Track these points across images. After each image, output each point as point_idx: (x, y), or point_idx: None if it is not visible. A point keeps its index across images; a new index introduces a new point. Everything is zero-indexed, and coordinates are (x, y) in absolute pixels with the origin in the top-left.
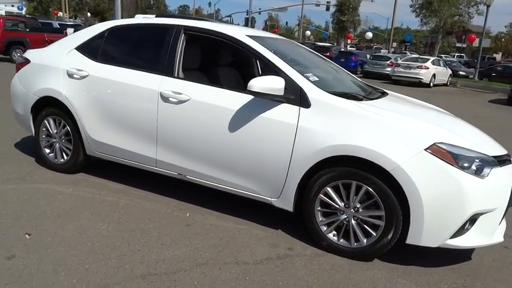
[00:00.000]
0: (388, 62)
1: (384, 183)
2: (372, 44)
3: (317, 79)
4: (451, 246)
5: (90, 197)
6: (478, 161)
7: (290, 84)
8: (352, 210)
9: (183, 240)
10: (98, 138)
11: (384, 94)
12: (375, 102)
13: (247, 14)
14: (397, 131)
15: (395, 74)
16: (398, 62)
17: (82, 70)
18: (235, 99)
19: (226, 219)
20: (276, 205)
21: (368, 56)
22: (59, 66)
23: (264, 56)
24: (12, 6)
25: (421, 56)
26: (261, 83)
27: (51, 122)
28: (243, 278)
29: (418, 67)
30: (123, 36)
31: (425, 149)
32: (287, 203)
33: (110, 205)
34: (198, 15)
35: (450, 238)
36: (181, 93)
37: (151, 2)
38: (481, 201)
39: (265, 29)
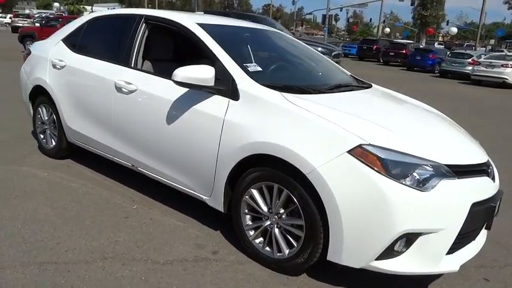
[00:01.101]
0: (469, 60)
1: (303, 188)
2: (464, 42)
3: (259, 69)
4: (378, 270)
5: (58, 182)
6: (419, 169)
7: (223, 74)
8: (275, 216)
9: (109, 232)
10: (72, 126)
11: (360, 88)
12: (325, 96)
13: (328, 11)
14: (323, 130)
15: (475, 74)
16: (479, 60)
17: (62, 60)
18: (174, 90)
19: (170, 215)
20: (209, 204)
21: (448, 54)
22: (47, 57)
23: (205, 44)
24: (108, 8)
25: (508, 54)
26: (185, 73)
27: (44, 109)
28: (138, 278)
29: (502, 65)
30: (97, 28)
31: (349, 151)
32: (218, 203)
33: (69, 191)
34: (280, 14)
35: (377, 260)
36: (131, 83)
37: (233, 1)
38: (417, 219)
39: (347, 26)
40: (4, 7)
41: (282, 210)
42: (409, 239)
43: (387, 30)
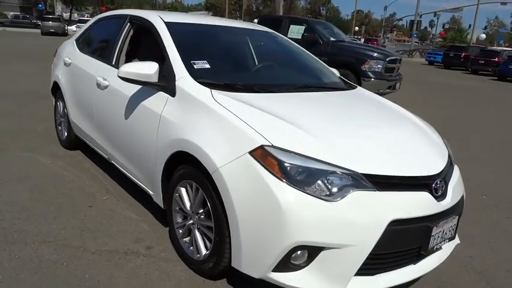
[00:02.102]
0: None
1: (212, 188)
2: None
3: (206, 67)
4: (276, 283)
5: (54, 170)
6: (327, 176)
7: (168, 70)
8: (196, 216)
9: (65, 219)
10: (74, 120)
11: (333, 89)
12: (265, 95)
13: (420, 17)
14: (234, 129)
15: None
16: None
17: (70, 59)
18: (132, 86)
19: (132, 208)
20: (154, 199)
21: None
22: (63, 55)
23: (162, 41)
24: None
25: None
26: (128, 69)
27: (60, 103)
28: (60, 263)
29: None
30: (98, 28)
31: (250, 152)
32: (159, 199)
33: (57, 179)
34: (368, 19)
35: (274, 271)
36: (106, 80)
37: (320, 8)
38: (315, 231)
39: (443, 32)
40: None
41: (200, 210)
42: (310, 253)
43: (482, 36)
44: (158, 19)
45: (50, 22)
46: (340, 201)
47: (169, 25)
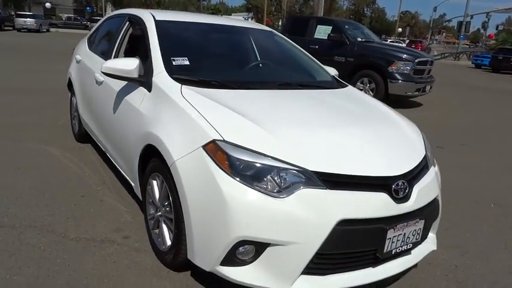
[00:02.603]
0: None
1: (172, 181)
2: None
3: (185, 63)
4: (224, 276)
5: (61, 161)
6: (276, 172)
7: (148, 66)
8: (163, 208)
9: (55, 206)
10: (82, 115)
11: (316, 87)
12: (236, 92)
13: (471, 18)
14: (193, 124)
15: None
16: None
17: (80, 56)
18: (121, 82)
19: (122, 200)
20: (135, 191)
21: None
22: (76, 53)
23: (148, 38)
24: (243, 17)
25: None
26: (110, 64)
27: (73, 98)
28: (38, 247)
29: None
30: (105, 26)
31: (203, 146)
32: (137, 190)
33: (61, 169)
34: (414, 21)
35: (222, 265)
36: (102, 75)
37: (364, 9)
38: (259, 226)
39: (497, 34)
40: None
41: (166, 203)
42: (257, 249)
43: None
44: (150, 17)
45: None
46: (287, 198)
47: (160, 23)
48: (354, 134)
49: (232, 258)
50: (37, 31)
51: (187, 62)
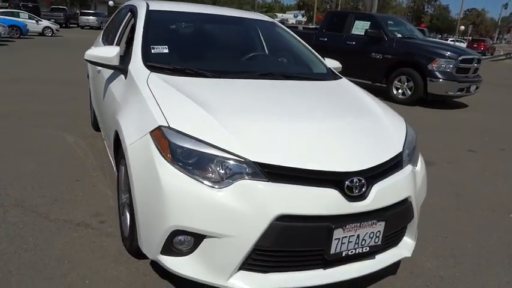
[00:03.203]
0: None
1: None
2: None
3: (164, 52)
4: (164, 266)
5: (72, 147)
6: (217, 162)
7: (129, 54)
8: (125, 194)
9: (47, 189)
10: (92, 104)
11: (304, 79)
12: (211, 80)
13: None
14: (148, 110)
15: None
16: None
17: (93, 46)
18: (109, 70)
19: (114, 186)
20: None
21: None
22: (93, 45)
23: (135, 26)
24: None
25: None
26: (91, 52)
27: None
28: (17, 225)
29: None
30: (114, 17)
31: (150, 132)
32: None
33: (67, 154)
34: (481, 18)
35: (162, 254)
36: None
37: (425, 6)
38: (194, 216)
39: None
40: None
41: (127, 189)
42: (195, 240)
43: None
44: (143, 6)
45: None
46: (225, 189)
47: (151, 12)
48: (317, 127)
49: (170, 247)
50: (98, 28)
51: (166, 50)
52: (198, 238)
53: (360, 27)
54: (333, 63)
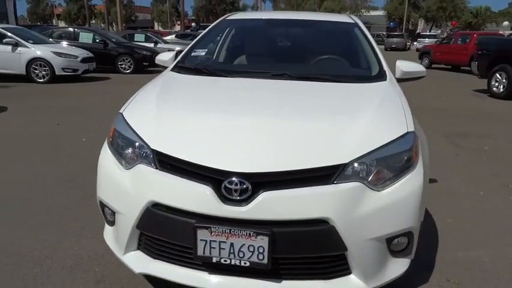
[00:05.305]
0: None
1: None
2: None
3: (201, 54)
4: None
5: (83, 145)
6: (132, 147)
7: None
8: None
9: (39, 168)
10: None
11: (313, 80)
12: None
13: None
14: (131, 98)
15: None
16: None
17: None
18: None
19: None
20: None
21: None
22: None
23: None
24: None
25: None
26: (159, 56)
27: None
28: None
29: None
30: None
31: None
32: None
33: (77, 149)
34: None
35: (106, 224)
36: None
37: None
38: (107, 192)
39: None
40: None
41: None
42: (112, 212)
43: None
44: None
45: (394, 39)
46: (128, 171)
47: (223, 21)
48: (258, 125)
49: (106, 217)
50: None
51: (203, 53)
52: (113, 211)
53: None
54: (410, 67)
